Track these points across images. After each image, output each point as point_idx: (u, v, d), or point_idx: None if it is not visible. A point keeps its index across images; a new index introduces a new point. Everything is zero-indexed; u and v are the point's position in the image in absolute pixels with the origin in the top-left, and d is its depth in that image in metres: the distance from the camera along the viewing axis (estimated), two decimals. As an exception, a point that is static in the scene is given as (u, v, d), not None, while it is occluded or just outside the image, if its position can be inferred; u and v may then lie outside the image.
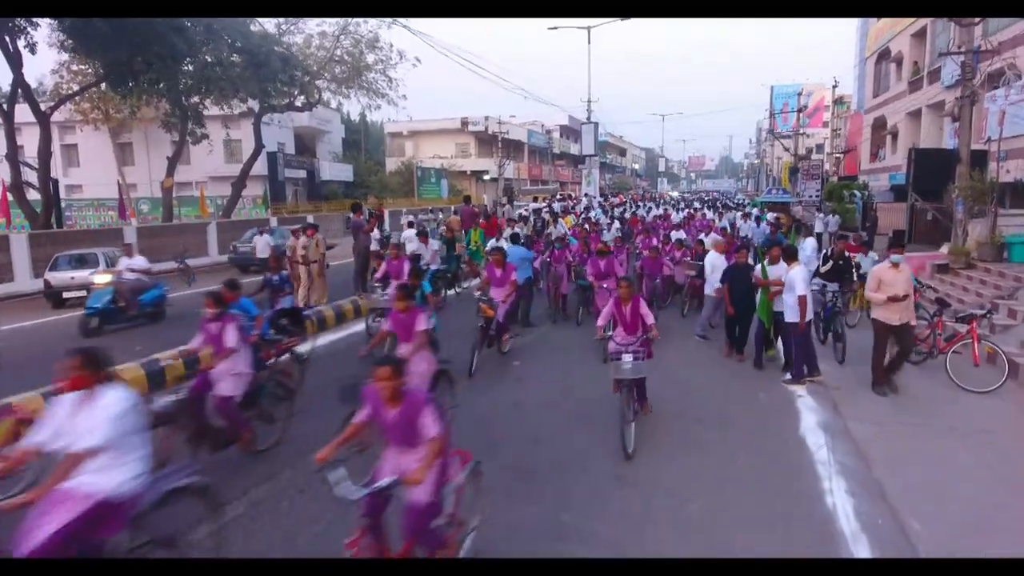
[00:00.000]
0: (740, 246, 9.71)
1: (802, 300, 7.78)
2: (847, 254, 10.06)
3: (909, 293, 7.59)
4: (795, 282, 7.85)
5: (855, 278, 10.29)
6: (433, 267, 12.79)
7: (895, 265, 7.60)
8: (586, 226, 16.66)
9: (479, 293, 8.97)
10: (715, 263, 10.16)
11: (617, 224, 20.63)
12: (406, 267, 9.96)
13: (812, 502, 5.17)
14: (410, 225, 17.46)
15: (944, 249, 15.12)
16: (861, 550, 4.48)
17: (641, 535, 4.72)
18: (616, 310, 6.76)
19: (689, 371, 8.86)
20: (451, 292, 14.53)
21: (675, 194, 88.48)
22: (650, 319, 6.57)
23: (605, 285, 10.11)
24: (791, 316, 7.96)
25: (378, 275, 10.52)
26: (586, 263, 11.43)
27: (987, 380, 7.86)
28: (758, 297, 8.86)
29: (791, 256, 8.31)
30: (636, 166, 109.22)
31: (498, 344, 9.26)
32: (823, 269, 9.85)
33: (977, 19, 15.94)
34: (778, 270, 8.47)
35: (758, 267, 9.11)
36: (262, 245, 18.19)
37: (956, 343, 8.27)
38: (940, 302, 9.10)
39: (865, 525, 4.77)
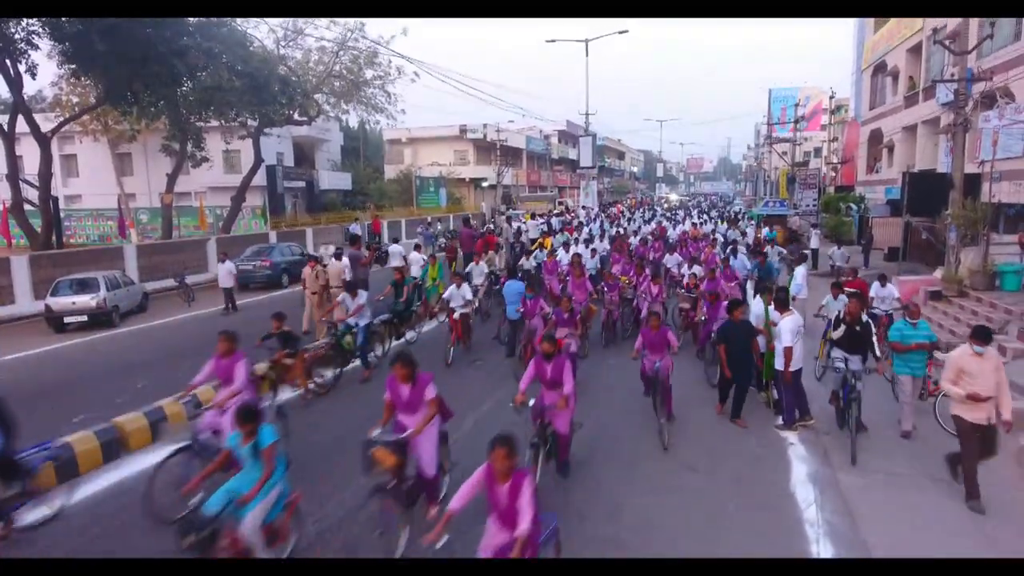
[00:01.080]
0: (735, 302, 8.94)
1: (787, 352, 7.91)
2: (864, 317, 7.99)
3: (993, 394, 6.25)
4: (782, 332, 7.98)
5: (876, 350, 8.06)
6: (362, 322, 10.70)
7: (979, 353, 6.31)
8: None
9: (376, 431, 5.61)
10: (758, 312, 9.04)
11: (606, 244, 19.98)
12: (241, 370, 6.55)
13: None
14: (417, 248, 17.27)
15: (938, 274, 15.27)
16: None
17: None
18: (487, 486, 4.31)
19: (683, 411, 8.87)
20: (402, 340, 12.70)
21: (674, 197, 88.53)
22: (523, 522, 4.02)
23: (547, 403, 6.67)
24: (779, 363, 8.10)
25: (199, 378, 6.71)
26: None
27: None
28: (763, 344, 8.81)
29: (782, 305, 8.44)
30: (635, 169, 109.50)
31: (424, 513, 5.51)
32: (834, 335, 8.02)
33: (974, 48, 16.12)
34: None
35: (756, 309, 9.18)
36: (224, 274, 16.33)
37: (945, 387, 8.40)
38: (933, 347, 9.20)
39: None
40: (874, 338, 7.98)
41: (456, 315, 11.50)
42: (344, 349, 10.54)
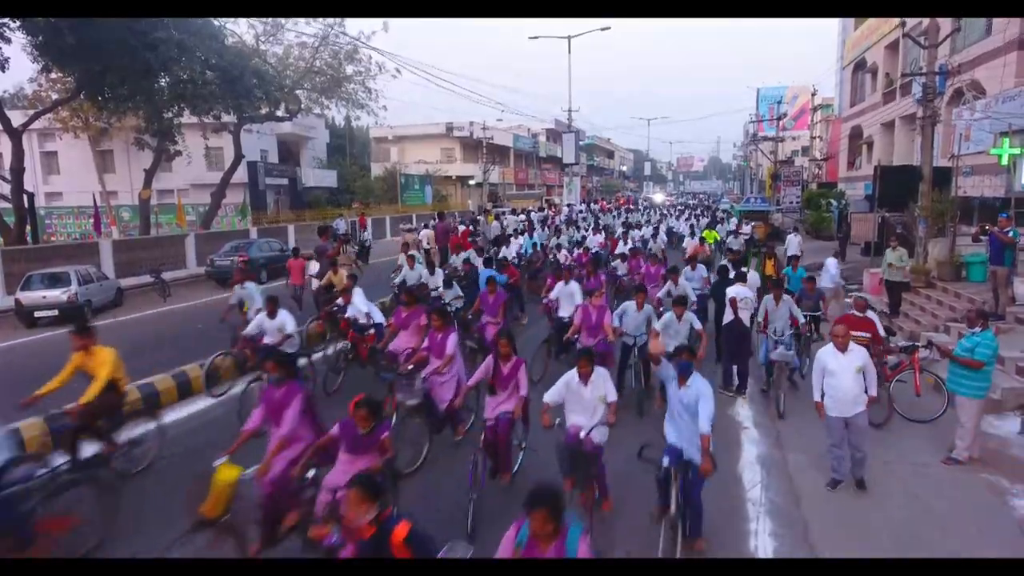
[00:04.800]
0: (729, 273, 10.15)
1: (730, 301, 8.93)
2: None
3: None
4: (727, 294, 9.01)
5: None
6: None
7: None
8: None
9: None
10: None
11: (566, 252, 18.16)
12: None
13: (735, 543, 5.36)
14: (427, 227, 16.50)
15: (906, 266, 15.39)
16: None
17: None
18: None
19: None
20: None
21: (659, 198, 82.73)
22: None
23: None
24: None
25: None
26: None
27: (928, 409, 8.12)
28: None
29: (739, 278, 9.32)
30: (624, 168, 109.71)
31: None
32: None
33: (942, 40, 16.28)
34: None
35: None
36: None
37: (900, 372, 8.51)
38: (887, 330, 9.33)
39: (781, 570, 4.95)
40: None
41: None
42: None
